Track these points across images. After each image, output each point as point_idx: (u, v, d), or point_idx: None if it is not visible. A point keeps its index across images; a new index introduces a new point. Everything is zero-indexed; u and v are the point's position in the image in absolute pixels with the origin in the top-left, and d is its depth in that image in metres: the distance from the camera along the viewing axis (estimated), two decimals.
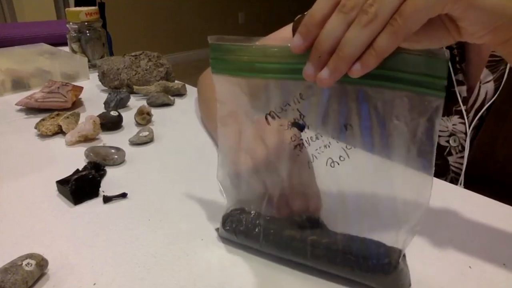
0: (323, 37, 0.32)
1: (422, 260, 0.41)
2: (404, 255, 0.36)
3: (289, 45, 0.33)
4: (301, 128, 0.36)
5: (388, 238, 0.36)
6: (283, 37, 0.75)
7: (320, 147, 0.36)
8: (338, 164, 0.35)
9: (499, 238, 0.44)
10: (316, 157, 0.37)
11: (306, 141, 0.37)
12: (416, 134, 0.32)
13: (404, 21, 0.30)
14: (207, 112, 0.73)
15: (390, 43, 0.31)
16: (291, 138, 0.37)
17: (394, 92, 0.32)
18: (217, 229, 0.45)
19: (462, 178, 0.60)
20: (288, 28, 0.77)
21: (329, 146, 0.36)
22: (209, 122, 0.71)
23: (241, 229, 0.41)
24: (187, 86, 0.95)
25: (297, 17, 0.77)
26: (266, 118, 0.37)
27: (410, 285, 0.37)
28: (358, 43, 0.31)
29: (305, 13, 0.77)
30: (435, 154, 0.32)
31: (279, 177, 0.39)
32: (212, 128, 0.68)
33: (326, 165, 0.36)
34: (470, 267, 0.40)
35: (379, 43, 0.31)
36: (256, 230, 0.40)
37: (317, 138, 0.36)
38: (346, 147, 0.35)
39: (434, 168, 0.32)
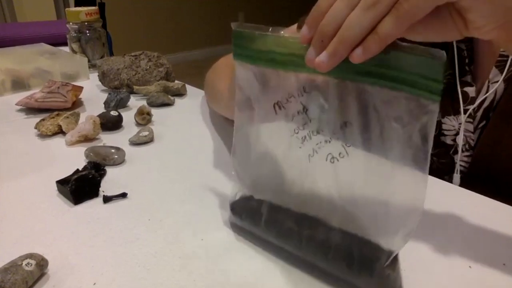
0: (326, 21, 0.31)
1: (422, 260, 0.41)
2: (396, 259, 0.36)
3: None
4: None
5: (382, 240, 0.35)
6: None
7: (320, 142, 0.36)
8: (338, 160, 0.35)
9: (499, 238, 0.44)
10: (316, 151, 0.36)
11: (307, 134, 0.37)
12: (411, 137, 0.31)
13: (410, 6, 0.29)
14: (215, 102, 0.72)
15: (394, 28, 0.29)
16: (294, 130, 0.37)
17: (393, 92, 0.31)
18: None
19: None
20: (292, 29, 0.77)
21: (329, 142, 0.35)
22: (219, 105, 0.70)
23: (248, 213, 0.42)
24: (187, 86, 0.95)
25: (301, 18, 0.76)
26: (274, 107, 0.37)
27: None
28: (360, 27, 0.30)
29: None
30: (429, 158, 0.31)
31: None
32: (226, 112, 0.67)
33: (326, 160, 0.36)
34: (470, 267, 0.40)
35: (383, 27, 0.30)
36: (259, 215, 0.41)
37: (318, 132, 0.36)
38: (346, 144, 0.34)
39: (428, 172, 0.32)
